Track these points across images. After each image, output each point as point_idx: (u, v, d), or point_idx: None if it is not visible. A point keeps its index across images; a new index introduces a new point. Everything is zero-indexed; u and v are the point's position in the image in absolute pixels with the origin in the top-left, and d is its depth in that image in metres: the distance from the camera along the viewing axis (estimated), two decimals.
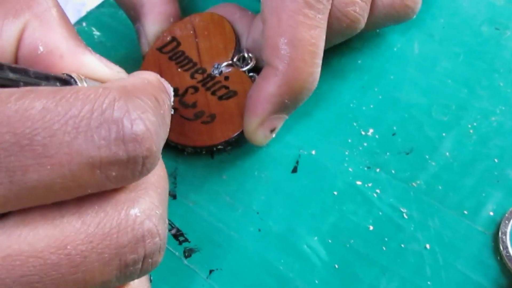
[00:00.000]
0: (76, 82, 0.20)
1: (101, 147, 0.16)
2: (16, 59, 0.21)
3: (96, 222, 0.17)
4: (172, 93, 0.23)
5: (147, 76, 0.21)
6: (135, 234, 0.18)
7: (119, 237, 0.17)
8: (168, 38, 0.30)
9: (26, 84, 0.18)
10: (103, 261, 0.17)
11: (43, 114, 0.15)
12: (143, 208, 0.18)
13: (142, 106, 0.17)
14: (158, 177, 0.20)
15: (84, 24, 0.36)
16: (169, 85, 0.23)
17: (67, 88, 0.17)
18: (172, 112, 0.23)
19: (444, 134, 0.28)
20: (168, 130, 0.20)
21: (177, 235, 0.27)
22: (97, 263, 0.17)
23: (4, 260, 0.16)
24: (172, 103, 0.23)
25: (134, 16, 0.31)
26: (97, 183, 0.17)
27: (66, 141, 0.16)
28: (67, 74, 0.20)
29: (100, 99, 0.16)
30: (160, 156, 0.19)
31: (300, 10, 0.24)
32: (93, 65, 0.22)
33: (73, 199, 0.17)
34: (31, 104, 0.15)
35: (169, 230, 0.27)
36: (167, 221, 0.20)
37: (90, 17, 0.36)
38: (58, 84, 0.19)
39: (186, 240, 0.27)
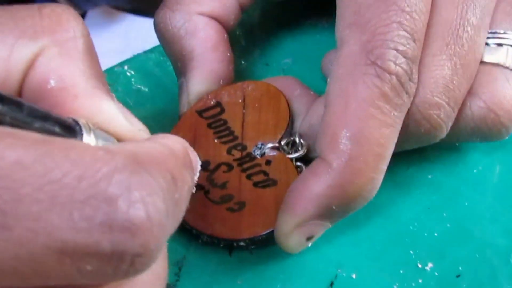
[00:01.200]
0: (81, 130, 0.16)
1: (80, 231, 0.12)
2: (20, 90, 0.17)
3: None
4: (199, 169, 0.18)
5: (172, 144, 0.16)
6: None
7: None
8: (212, 102, 0.25)
9: (13, 121, 0.13)
10: None
11: (13, 170, 0.12)
12: None
13: (150, 186, 0.13)
14: (153, 276, 0.16)
15: (125, 67, 0.32)
16: (198, 159, 0.18)
17: (60, 140, 0.13)
18: (194, 191, 0.18)
19: None
20: (181, 219, 0.16)
21: None
22: None
23: None
24: (196, 180, 0.18)
25: (180, 69, 0.26)
26: (64, 276, 0.12)
27: (34, 212, 0.12)
28: (73, 119, 0.16)
29: (97, 165, 0.12)
30: (161, 253, 0.14)
31: (374, 101, 0.20)
32: (111, 114, 0.18)
33: None
34: (1, 152, 0.12)
35: None
36: None
37: (135, 60, 0.32)
38: (56, 129, 0.15)
39: None
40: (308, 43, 0.31)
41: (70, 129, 0.15)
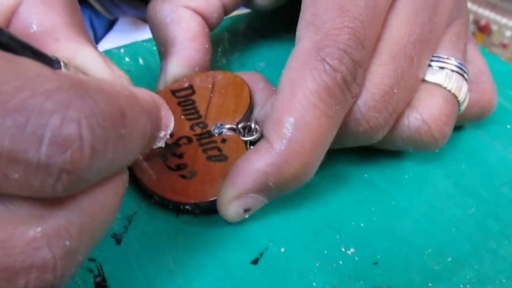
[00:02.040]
0: (60, 67, 0.16)
1: (8, 136, 0.11)
2: None
3: None
4: (170, 127, 0.19)
5: (138, 92, 0.16)
6: (22, 259, 0.12)
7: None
8: (185, 84, 0.27)
9: None
10: None
11: None
12: (49, 231, 0.13)
13: (90, 109, 0.13)
14: (97, 203, 0.15)
15: (122, 50, 0.34)
16: (171, 118, 0.19)
17: (13, 56, 0.12)
18: (162, 145, 0.19)
19: (430, 284, 0.23)
20: (129, 160, 0.15)
21: (100, 285, 0.22)
22: None
23: None
24: (167, 137, 0.18)
25: (163, 53, 0.28)
26: None
27: None
28: (55, 56, 0.16)
29: (40, 80, 0.12)
30: (94, 181, 0.14)
31: (318, 93, 0.21)
32: (91, 59, 0.18)
33: None
34: None
35: (95, 276, 0.22)
36: (81, 262, 0.15)
37: (131, 46, 0.34)
38: (32, 57, 0.14)
39: None
40: (282, 52, 0.33)
41: (49, 63, 0.15)
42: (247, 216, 0.23)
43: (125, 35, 0.59)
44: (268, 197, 0.23)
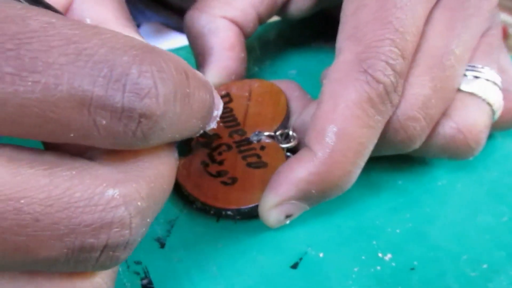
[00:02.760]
0: None
1: (97, 84, 0.13)
2: None
3: (66, 186, 0.13)
4: (220, 108, 0.19)
5: (197, 71, 0.17)
6: (103, 216, 0.14)
7: (84, 212, 0.14)
8: (222, 92, 0.28)
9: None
10: (56, 233, 0.13)
11: (45, 27, 0.13)
12: (125, 193, 0.14)
13: (161, 66, 0.14)
14: (158, 172, 0.16)
15: None
16: (221, 101, 0.19)
17: (89, 24, 0.14)
18: (215, 126, 0.19)
19: None
20: (191, 129, 0.16)
21: (147, 287, 0.22)
22: (48, 233, 0.13)
23: None
24: (217, 118, 0.19)
25: (200, 62, 0.29)
26: (82, 127, 0.13)
27: (61, 63, 0.13)
28: None
29: (115, 39, 0.13)
30: (164, 137, 0.15)
31: (361, 103, 0.21)
32: None
33: (51, 154, 0.14)
34: (35, 16, 0.13)
35: (141, 279, 0.23)
36: (148, 224, 0.16)
37: None
38: None
39: None
40: (312, 60, 0.33)
41: None
42: (287, 222, 0.24)
43: (148, 41, 0.59)
44: (309, 203, 0.23)
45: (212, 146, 0.26)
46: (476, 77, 0.25)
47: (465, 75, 0.25)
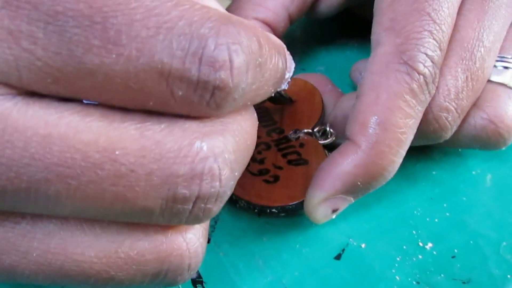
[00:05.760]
0: None
1: (175, 57, 0.13)
2: None
3: (157, 139, 0.14)
4: (293, 69, 0.19)
5: (271, 35, 0.17)
6: (194, 167, 0.14)
7: (175, 163, 0.14)
8: None
9: None
10: (150, 183, 0.14)
11: (129, 1, 0.13)
12: (212, 145, 0.14)
13: (236, 37, 0.14)
14: (241, 128, 0.16)
15: None
16: (293, 62, 0.19)
17: None
18: (286, 87, 0.19)
19: (509, 276, 0.23)
20: (262, 89, 0.16)
21: (196, 281, 0.23)
22: (143, 183, 0.13)
23: (44, 139, 0.13)
24: (290, 77, 0.19)
25: None
26: (160, 96, 0.14)
27: (142, 36, 0.13)
28: None
29: (193, 11, 0.14)
30: (238, 103, 0.15)
31: (403, 95, 0.21)
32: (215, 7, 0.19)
33: (141, 111, 0.14)
34: None
35: None
36: (236, 178, 0.16)
37: None
38: None
39: None
40: (339, 56, 0.33)
41: None
42: (334, 217, 0.24)
43: None
44: (354, 196, 0.23)
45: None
46: (506, 67, 0.25)
47: (495, 66, 0.25)
